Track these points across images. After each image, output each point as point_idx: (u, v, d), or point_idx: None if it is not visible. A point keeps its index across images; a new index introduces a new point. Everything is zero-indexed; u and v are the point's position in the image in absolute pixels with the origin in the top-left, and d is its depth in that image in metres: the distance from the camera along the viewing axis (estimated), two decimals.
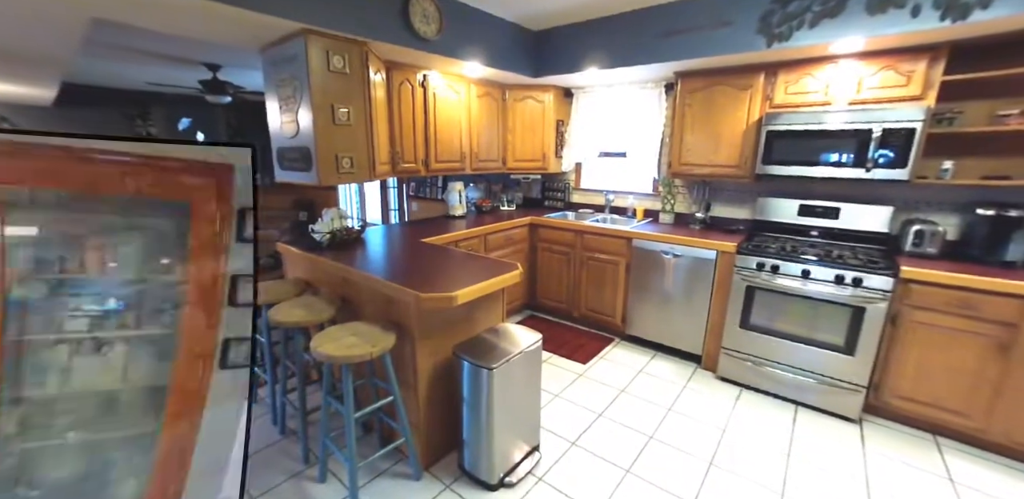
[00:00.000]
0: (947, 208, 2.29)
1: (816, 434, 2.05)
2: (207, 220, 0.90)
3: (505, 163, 3.48)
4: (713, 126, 2.67)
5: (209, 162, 0.89)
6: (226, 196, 0.91)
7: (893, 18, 1.86)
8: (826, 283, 2.13)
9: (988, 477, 1.80)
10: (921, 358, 1.99)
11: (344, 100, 2.16)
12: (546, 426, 2.07)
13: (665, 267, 2.70)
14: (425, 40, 2.38)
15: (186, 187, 0.88)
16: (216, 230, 0.91)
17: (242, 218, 0.93)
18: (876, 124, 2.10)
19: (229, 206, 0.91)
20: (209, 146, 0.86)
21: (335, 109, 2.13)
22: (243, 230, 0.93)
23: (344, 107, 2.16)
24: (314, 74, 2.03)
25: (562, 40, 2.93)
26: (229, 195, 0.91)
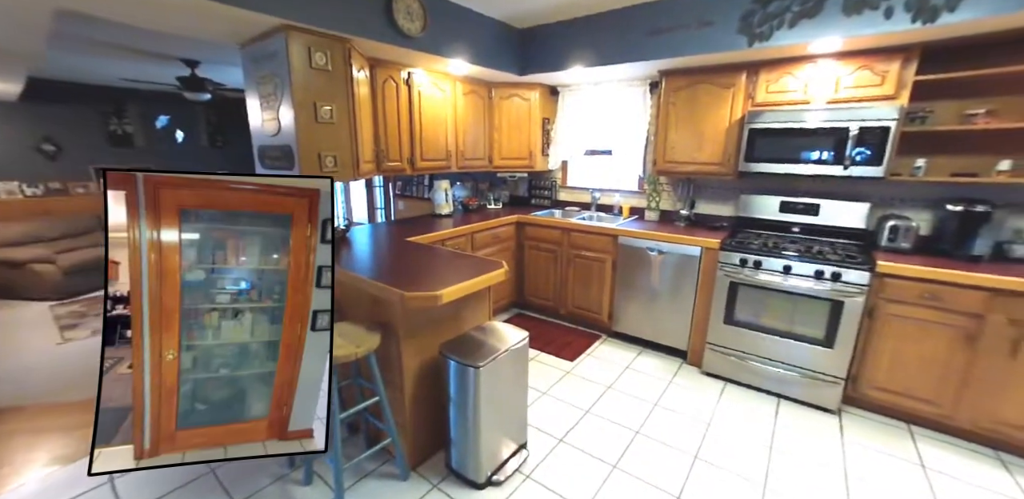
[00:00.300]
0: (920, 204, 2.36)
1: (797, 426, 2.10)
2: (302, 227, 1.30)
3: (491, 161, 3.47)
4: (697, 124, 2.70)
5: (304, 188, 1.31)
6: (315, 211, 1.30)
7: (868, 19, 1.91)
8: (806, 278, 2.18)
9: (956, 462, 1.88)
10: (895, 350, 2.05)
11: (327, 98, 2.13)
12: (533, 423, 2.07)
13: (651, 264, 2.72)
14: (409, 37, 2.36)
15: (289, 205, 1.29)
16: (307, 234, 1.30)
17: (324, 226, 1.32)
18: (853, 123, 2.15)
19: (316, 218, 1.31)
20: (303, 178, 1.34)
21: (317, 107, 2.09)
22: (325, 234, 1.33)
23: (327, 105, 2.13)
24: (295, 71, 1.99)
25: (547, 38, 2.92)
26: (316, 210, 1.31)
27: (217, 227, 1.24)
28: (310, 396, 1.34)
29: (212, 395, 1.28)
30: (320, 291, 1.33)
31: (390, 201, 5.29)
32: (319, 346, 1.34)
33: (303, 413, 1.35)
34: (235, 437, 1.30)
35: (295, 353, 1.32)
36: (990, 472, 1.82)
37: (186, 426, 1.25)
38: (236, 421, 1.30)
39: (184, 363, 1.24)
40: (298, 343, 1.32)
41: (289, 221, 1.29)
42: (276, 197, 1.27)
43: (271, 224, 1.28)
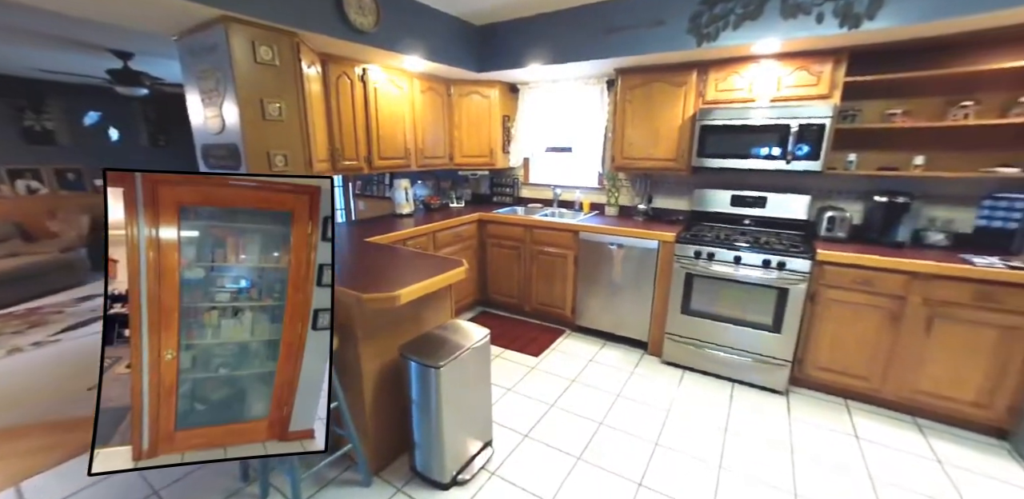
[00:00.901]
0: (853, 196, 2.53)
1: (749, 408, 2.22)
2: (303, 225, 1.28)
3: (452, 159, 3.44)
4: (652, 121, 2.78)
5: (305, 184, 1.28)
6: (315, 208, 1.28)
7: (802, 23, 2.03)
8: (755, 268, 2.29)
9: (884, 430, 2.06)
10: (834, 332, 2.20)
11: (275, 94, 2.04)
12: (499, 421, 2.08)
13: (611, 258, 2.79)
14: (362, 32, 2.29)
15: (290, 202, 1.26)
16: (308, 232, 1.29)
17: (325, 224, 1.30)
18: (793, 120, 2.28)
19: (317, 215, 1.29)
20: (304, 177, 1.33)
21: (265, 103, 2.00)
22: (326, 232, 1.31)
23: (275, 101, 2.03)
24: (239, 66, 1.89)
25: (505, 35, 2.92)
26: (317, 207, 1.29)
27: (217, 224, 1.22)
28: (311, 396, 1.33)
29: (212, 395, 1.26)
30: (321, 289, 1.31)
31: (350, 201, 5.14)
32: (320, 345, 1.33)
33: (304, 413, 1.33)
34: (235, 438, 1.28)
35: (296, 352, 1.30)
36: (909, 436, 2.01)
37: (185, 426, 1.23)
38: (236, 421, 1.28)
39: (183, 363, 1.22)
40: (299, 342, 1.30)
41: (289, 218, 1.27)
42: (277, 194, 1.26)
43: (271, 221, 1.26)
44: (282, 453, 1.32)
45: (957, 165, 2.21)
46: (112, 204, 1.15)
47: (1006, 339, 1.86)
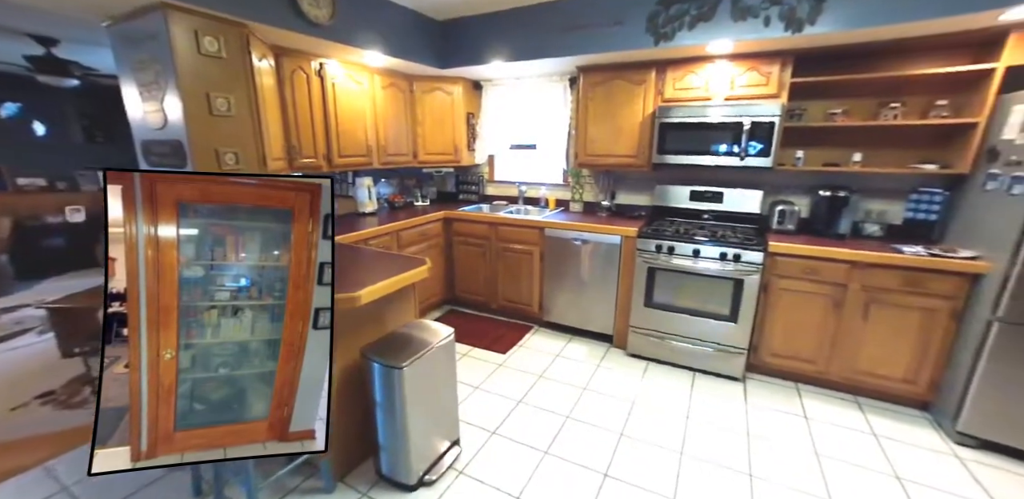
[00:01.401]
0: (801, 191, 2.68)
1: (709, 395, 2.31)
2: (304, 223, 1.26)
3: (416, 156, 3.38)
4: (613, 118, 2.83)
5: (306, 182, 1.27)
6: (316, 206, 1.27)
7: (751, 26, 2.12)
8: (713, 260, 2.38)
9: (829, 410, 2.20)
10: (786, 319, 2.32)
11: (223, 88, 1.93)
12: (466, 419, 2.07)
13: (576, 254, 2.83)
14: (316, 25, 2.21)
15: (291, 199, 1.25)
16: (309, 230, 1.27)
17: (326, 222, 1.28)
18: (746, 118, 2.38)
19: (318, 213, 1.27)
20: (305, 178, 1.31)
21: (212, 98, 1.89)
22: (326, 230, 1.29)
23: (223, 96, 1.93)
24: (181, 57, 1.78)
25: (467, 31, 2.89)
26: (318, 205, 1.27)
27: (216, 222, 1.20)
28: (312, 396, 1.32)
29: (211, 395, 1.24)
30: (321, 288, 1.30)
31: None
32: (320, 344, 1.32)
33: (304, 413, 1.32)
34: (235, 438, 1.26)
35: (297, 352, 1.29)
36: (850, 414, 2.16)
37: (185, 427, 1.21)
38: (236, 422, 1.27)
39: (182, 362, 1.20)
40: (300, 341, 1.29)
41: (290, 216, 1.25)
42: (277, 191, 1.25)
43: (272, 219, 1.25)
44: (282, 453, 1.32)
45: (889, 162, 2.37)
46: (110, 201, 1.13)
47: (928, 320, 2.03)
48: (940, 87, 2.23)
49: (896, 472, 1.77)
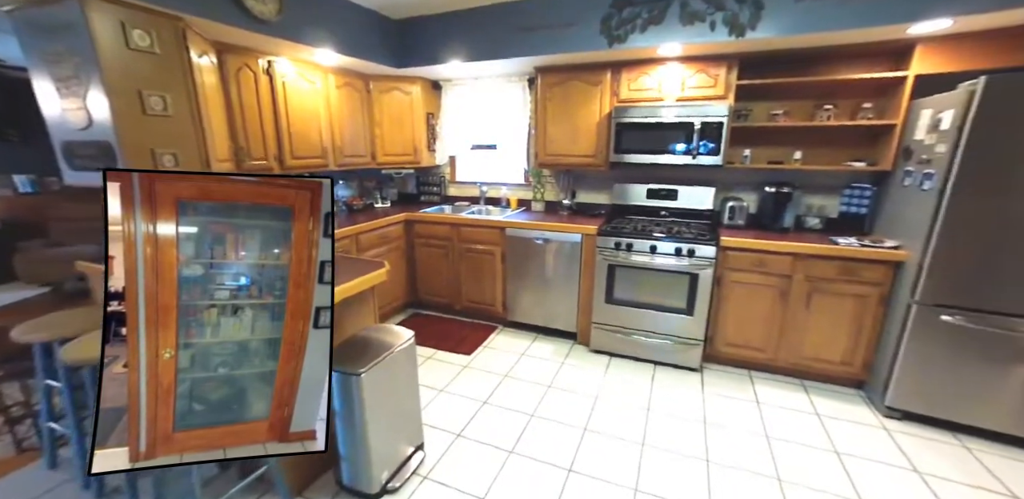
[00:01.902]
0: (749, 187, 2.82)
1: (669, 387, 2.39)
2: (304, 221, 1.25)
3: (375, 158, 3.31)
4: (572, 119, 2.87)
5: (306, 181, 1.26)
6: (317, 204, 1.26)
7: (698, 30, 2.21)
8: (669, 256, 2.46)
9: (778, 394, 2.33)
10: (737, 310, 2.44)
11: (157, 85, 1.82)
12: (431, 423, 2.05)
13: (538, 253, 2.85)
14: (262, 21, 2.12)
15: (291, 197, 1.24)
16: (310, 228, 1.26)
17: (326, 220, 1.28)
18: (697, 118, 2.48)
19: (319, 211, 1.26)
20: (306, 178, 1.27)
21: (144, 96, 1.77)
22: (327, 229, 1.28)
23: (158, 94, 1.82)
24: (105, 51, 1.66)
25: (424, 30, 2.86)
26: (319, 203, 1.26)
27: (216, 220, 1.19)
28: (312, 396, 1.31)
29: (211, 395, 1.24)
30: (322, 287, 1.29)
31: None
32: (321, 343, 1.31)
33: (305, 413, 1.31)
34: (235, 439, 1.25)
35: (297, 351, 1.29)
36: (797, 397, 2.31)
37: (184, 428, 1.20)
38: (236, 422, 1.26)
39: (181, 362, 1.19)
40: (300, 341, 1.29)
41: (290, 214, 1.24)
42: (277, 189, 1.24)
43: (272, 217, 1.24)
44: (282, 453, 1.31)
45: (825, 159, 2.54)
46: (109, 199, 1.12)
47: (860, 306, 2.19)
48: (865, 91, 2.41)
49: (835, 447, 1.91)
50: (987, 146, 1.74)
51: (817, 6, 1.97)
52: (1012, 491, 1.67)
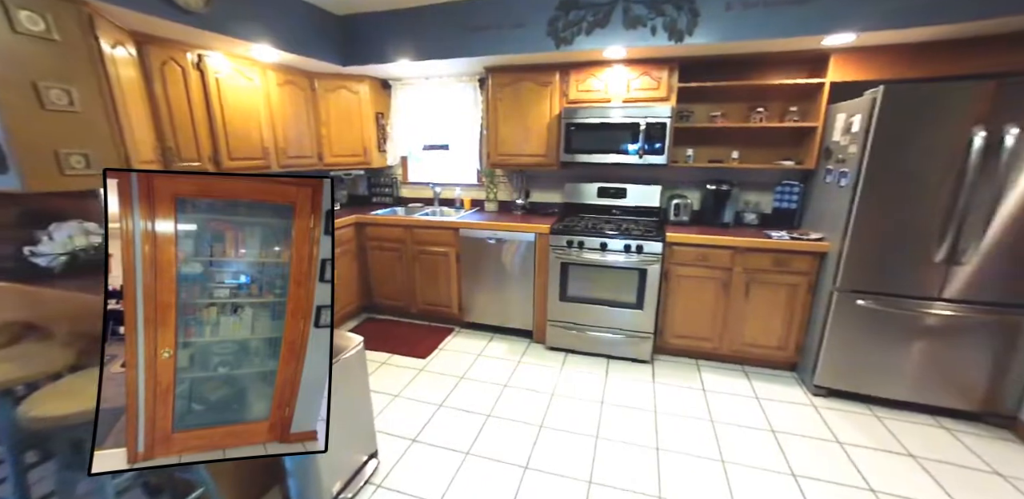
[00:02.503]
0: (692, 185, 2.96)
1: (622, 379, 2.47)
2: (305, 218, 1.24)
3: (322, 159, 3.18)
4: (522, 119, 2.89)
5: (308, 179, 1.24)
6: (318, 201, 1.24)
7: (641, 34, 2.29)
8: (619, 253, 2.54)
9: (722, 381, 2.46)
10: (684, 303, 2.55)
11: (59, 77, 1.64)
12: (385, 429, 2.00)
13: (492, 253, 2.86)
14: (187, 12, 1.98)
15: (292, 194, 1.22)
16: (311, 226, 1.24)
17: (327, 218, 1.25)
18: (642, 119, 2.57)
19: (320, 208, 1.24)
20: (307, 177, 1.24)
21: (41, 88, 1.59)
22: (328, 226, 1.26)
23: (60, 86, 1.64)
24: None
25: (371, 28, 2.78)
26: (320, 200, 1.24)
27: (215, 217, 1.18)
28: (313, 396, 1.29)
29: (210, 395, 1.22)
30: (323, 285, 1.27)
31: None
32: (321, 343, 1.29)
33: (306, 414, 1.29)
34: (235, 439, 1.23)
35: (298, 350, 1.27)
36: (739, 382, 2.45)
37: (183, 428, 1.18)
38: (236, 422, 1.24)
39: (181, 361, 1.17)
40: (301, 340, 1.27)
41: (291, 211, 1.23)
42: (278, 186, 1.23)
43: (272, 214, 1.22)
44: (282, 453, 1.29)
45: (759, 158, 2.71)
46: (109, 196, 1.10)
47: (792, 295, 2.36)
48: (791, 96, 2.59)
49: (772, 426, 2.05)
50: (887, 147, 1.93)
51: (746, 16, 2.11)
52: (908, 450, 1.90)
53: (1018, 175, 1.80)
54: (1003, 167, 1.78)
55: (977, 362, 2.00)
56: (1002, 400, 2.00)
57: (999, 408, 2.02)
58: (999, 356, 1.97)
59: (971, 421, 2.08)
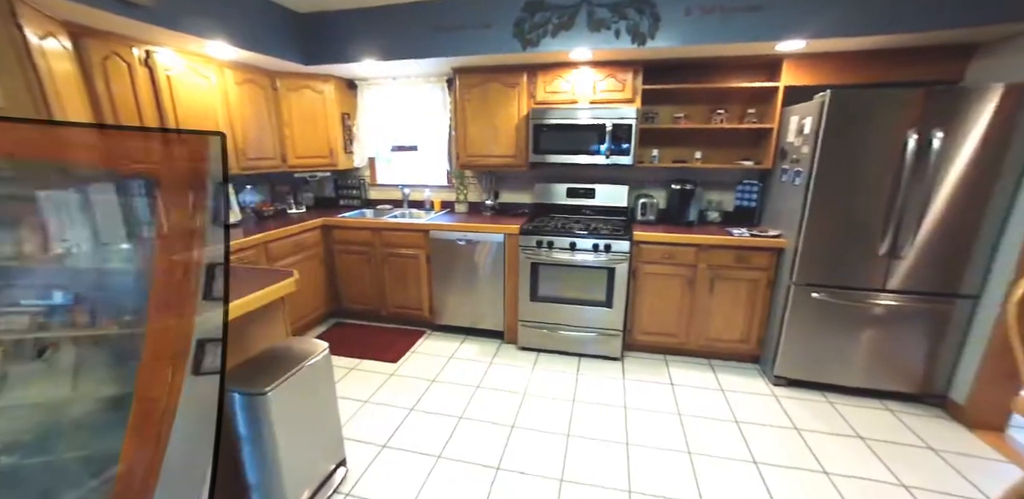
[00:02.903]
0: (658, 185, 3.03)
1: (593, 377, 2.50)
2: (177, 198, 0.76)
3: (285, 160, 3.08)
4: (490, 120, 2.89)
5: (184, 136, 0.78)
6: (200, 171, 0.76)
7: (605, 37, 2.33)
8: (588, 252, 2.57)
9: (689, 375, 2.54)
10: (651, 300, 2.62)
11: None
12: (354, 436, 1.96)
13: (462, 254, 2.84)
14: (131, 4, 1.87)
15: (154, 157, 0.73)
16: (188, 210, 0.78)
17: (217, 198, 0.79)
18: (608, 120, 2.61)
19: (203, 182, 0.77)
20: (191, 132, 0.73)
21: None
22: (217, 213, 0.79)
23: None
24: None
25: (334, 27, 2.71)
26: (203, 170, 0.76)
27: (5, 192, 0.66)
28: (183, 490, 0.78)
29: None
30: (208, 306, 0.80)
31: None
32: (202, 400, 0.79)
33: None
34: None
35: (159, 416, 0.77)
36: (705, 376, 2.53)
37: None
38: None
39: None
40: (167, 398, 0.78)
41: (153, 187, 0.74)
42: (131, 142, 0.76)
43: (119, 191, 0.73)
44: None
45: (721, 159, 2.81)
46: None
47: (752, 289, 2.46)
48: (749, 98, 2.70)
49: (736, 417, 2.13)
50: (836, 148, 2.04)
51: (704, 21, 2.18)
52: (857, 432, 2.02)
53: (945, 175, 1.95)
54: (931, 168, 1.93)
55: (915, 347, 2.15)
56: (935, 382, 2.17)
57: (933, 389, 2.18)
58: (932, 341, 2.13)
59: (912, 402, 2.23)
